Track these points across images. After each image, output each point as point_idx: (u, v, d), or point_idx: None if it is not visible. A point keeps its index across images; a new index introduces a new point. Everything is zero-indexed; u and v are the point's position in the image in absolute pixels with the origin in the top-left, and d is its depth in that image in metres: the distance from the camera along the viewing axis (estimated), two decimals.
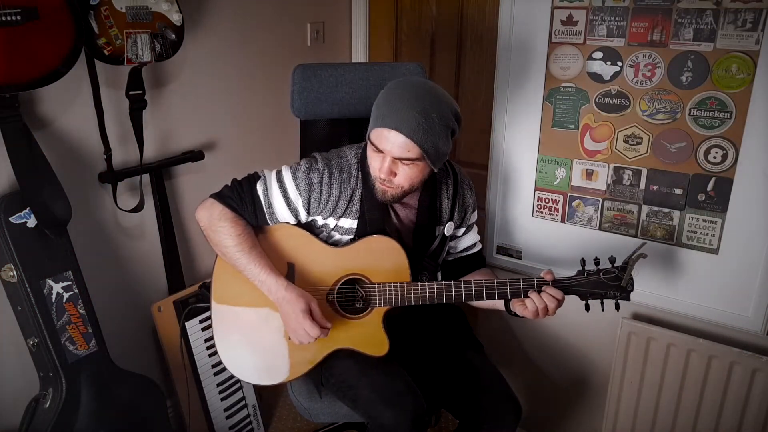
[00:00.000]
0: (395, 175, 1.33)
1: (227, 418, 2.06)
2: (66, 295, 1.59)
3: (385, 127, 1.28)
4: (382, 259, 1.40)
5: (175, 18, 1.64)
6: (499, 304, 1.44)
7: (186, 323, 1.94)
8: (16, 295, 1.54)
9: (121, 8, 1.52)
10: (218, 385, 2.03)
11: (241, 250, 1.38)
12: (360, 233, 1.42)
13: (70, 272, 1.60)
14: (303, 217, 1.43)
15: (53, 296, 1.57)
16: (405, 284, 1.39)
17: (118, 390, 1.70)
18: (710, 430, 1.69)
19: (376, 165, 1.35)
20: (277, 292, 1.37)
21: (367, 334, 1.42)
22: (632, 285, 1.34)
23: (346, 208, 1.41)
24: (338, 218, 1.42)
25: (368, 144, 1.35)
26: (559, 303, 1.35)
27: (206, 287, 1.46)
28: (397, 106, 1.27)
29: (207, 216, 1.41)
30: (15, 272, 1.51)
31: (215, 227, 1.39)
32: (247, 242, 1.38)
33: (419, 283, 1.39)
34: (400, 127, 1.26)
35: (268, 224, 1.43)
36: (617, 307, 1.37)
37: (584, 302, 1.37)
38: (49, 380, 1.59)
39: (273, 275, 1.38)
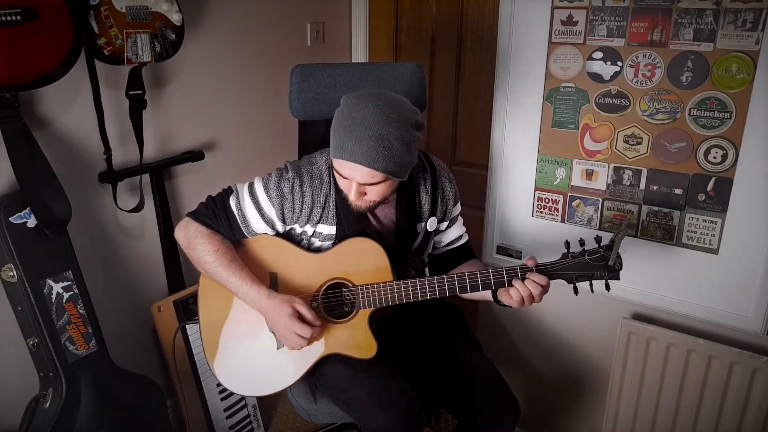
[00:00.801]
0: (365, 194, 1.33)
1: (227, 418, 2.06)
2: (66, 295, 1.59)
3: (343, 159, 1.27)
4: (363, 260, 1.40)
5: (175, 18, 1.64)
6: (487, 295, 1.42)
7: (186, 323, 1.94)
8: (16, 295, 1.54)
9: (121, 8, 1.52)
10: (218, 385, 2.03)
11: (221, 265, 1.38)
12: (340, 238, 1.42)
13: (70, 272, 1.60)
14: (279, 227, 1.42)
15: (53, 296, 1.57)
16: (387, 284, 1.38)
17: (118, 390, 1.70)
18: (710, 430, 1.69)
19: (345, 187, 1.34)
20: (260, 302, 1.37)
21: (354, 338, 1.41)
22: (620, 263, 1.31)
23: (321, 214, 1.40)
24: (315, 225, 1.42)
25: (335, 165, 1.34)
26: (544, 289, 1.32)
27: (196, 303, 1.49)
28: (352, 136, 1.24)
29: (184, 235, 1.43)
30: (15, 272, 1.51)
31: (193, 245, 1.41)
32: (225, 256, 1.39)
33: (401, 282, 1.37)
34: (359, 159, 1.24)
35: (246, 237, 1.43)
36: (607, 287, 1.34)
37: (572, 285, 1.34)
38: (49, 380, 1.59)
39: (255, 286, 1.38)
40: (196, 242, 1.40)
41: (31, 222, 1.53)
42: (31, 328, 1.55)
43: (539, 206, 1.86)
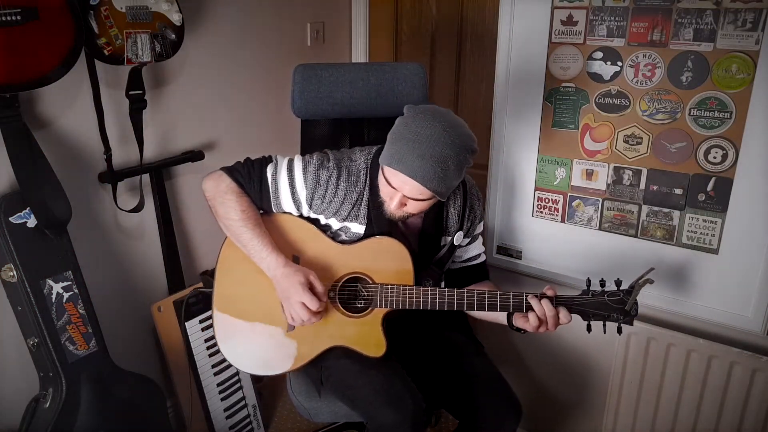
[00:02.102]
0: (405, 205, 1.33)
1: (227, 418, 2.06)
2: (66, 295, 1.59)
3: (399, 171, 1.27)
4: (387, 260, 1.40)
5: (175, 18, 1.64)
6: (501, 317, 1.43)
7: (186, 323, 1.94)
8: (16, 295, 1.54)
9: (121, 8, 1.52)
10: (218, 385, 2.03)
11: (245, 225, 1.38)
12: (368, 237, 1.42)
13: (70, 272, 1.60)
14: (305, 210, 1.43)
15: (53, 296, 1.57)
16: (407, 287, 1.39)
17: (118, 390, 1.70)
18: (710, 430, 1.69)
19: (386, 194, 1.35)
20: (276, 269, 1.37)
21: (365, 334, 1.42)
22: (636, 309, 1.33)
23: (351, 211, 1.41)
24: (342, 221, 1.42)
25: (380, 171, 1.34)
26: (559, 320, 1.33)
27: (210, 274, 1.47)
28: (413, 151, 1.24)
29: (213, 186, 1.42)
30: (15, 272, 1.51)
31: (221, 199, 1.40)
32: (252, 219, 1.39)
33: (421, 288, 1.38)
34: (415, 175, 1.25)
35: (271, 209, 1.43)
36: (619, 330, 1.36)
37: (586, 323, 1.35)
38: (49, 380, 1.59)
39: (274, 253, 1.38)
40: (226, 197, 1.40)
41: (31, 222, 1.53)
42: (31, 328, 1.55)
43: (539, 206, 1.86)
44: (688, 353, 1.67)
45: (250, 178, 1.41)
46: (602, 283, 1.35)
